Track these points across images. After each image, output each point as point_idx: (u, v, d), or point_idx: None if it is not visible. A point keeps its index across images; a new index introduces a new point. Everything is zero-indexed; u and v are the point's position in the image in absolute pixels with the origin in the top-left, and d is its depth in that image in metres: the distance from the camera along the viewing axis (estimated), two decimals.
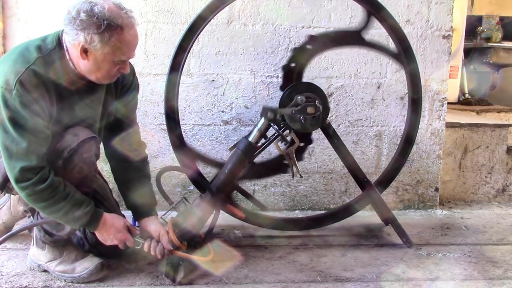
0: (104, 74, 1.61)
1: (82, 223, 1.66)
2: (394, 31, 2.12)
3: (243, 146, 1.91)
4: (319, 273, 1.90)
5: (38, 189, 1.55)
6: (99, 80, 1.64)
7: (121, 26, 1.52)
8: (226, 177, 1.92)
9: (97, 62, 1.57)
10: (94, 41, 1.51)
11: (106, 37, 1.50)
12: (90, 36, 1.50)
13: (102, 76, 1.61)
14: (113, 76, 1.65)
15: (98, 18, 1.49)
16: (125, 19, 1.54)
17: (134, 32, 1.58)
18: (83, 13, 1.49)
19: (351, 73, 2.59)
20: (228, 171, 1.91)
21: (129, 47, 1.59)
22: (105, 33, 1.50)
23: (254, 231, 2.30)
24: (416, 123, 2.22)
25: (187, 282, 1.79)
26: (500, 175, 2.96)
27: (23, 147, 1.51)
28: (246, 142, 1.91)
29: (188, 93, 2.53)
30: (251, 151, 1.92)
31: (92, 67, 1.58)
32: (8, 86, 1.49)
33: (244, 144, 1.91)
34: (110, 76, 1.64)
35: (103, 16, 1.49)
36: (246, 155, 1.91)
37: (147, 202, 1.87)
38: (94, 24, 1.49)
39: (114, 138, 1.85)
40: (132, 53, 1.62)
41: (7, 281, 1.76)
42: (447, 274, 1.91)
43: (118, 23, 1.51)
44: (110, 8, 1.51)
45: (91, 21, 1.49)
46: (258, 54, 2.52)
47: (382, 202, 2.21)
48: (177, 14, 2.48)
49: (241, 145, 1.91)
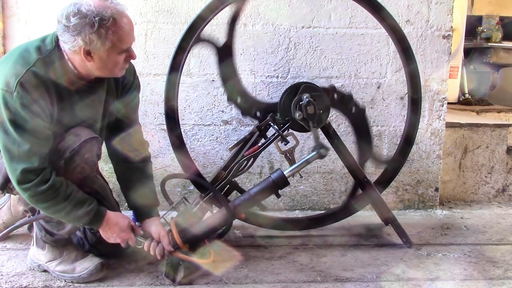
0: (113, 67, 1.61)
1: (85, 222, 1.67)
2: (393, 31, 2.12)
3: (277, 178, 1.91)
4: (319, 273, 1.90)
5: (40, 190, 1.55)
6: (112, 75, 1.65)
7: (113, 17, 1.52)
8: (249, 200, 1.92)
9: (102, 60, 1.57)
10: (93, 41, 1.51)
11: (103, 33, 1.50)
12: (87, 37, 1.50)
13: (112, 70, 1.62)
14: (123, 66, 1.65)
15: (89, 17, 1.48)
16: (113, 9, 1.53)
17: (127, 19, 1.58)
18: (72, 17, 1.48)
19: (351, 73, 2.59)
20: (254, 195, 1.91)
21: (128, 34, 1.58)
22: (101, 29, 1.50)
23: (254, 231, 2.30)
24: (416, 123, 2.22)
25: (187, 282, 1.79)
26: (500, 175, 2.96)
27: (25, 149, 1.51)
28: (281, 174, 1.91)
29: (188, 93, 2.53)
30: (282, 185, 1.92)
31: (100, 65, 1.58)
32: (8, 88, 1.49)
33: (278, 176, 1.91)
34: (120, 67, 1.64)
35: (92, 13, 1.48)
36: (277, 188, 1.92)
37: (148, 203, 1.87)
38: (87, 25, 1.48)
39: (115, 138, 1.85)
40: (132, 38, 1.61)
41: (7, 281, 1.76)
42: (447, 274, 1.91)
43: (108, 15, 1.50)
44: (96, 3, 1.51)
45: (84, 22, 1.48)
46: (258, 54, 2.52)
47: (382, 202, 2.21)
48: (177, 14, 2.48)
49: (275, 175, 1.91)
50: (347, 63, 2.58)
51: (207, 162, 2.59)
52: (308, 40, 2.55)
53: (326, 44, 2.56)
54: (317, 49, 2.56)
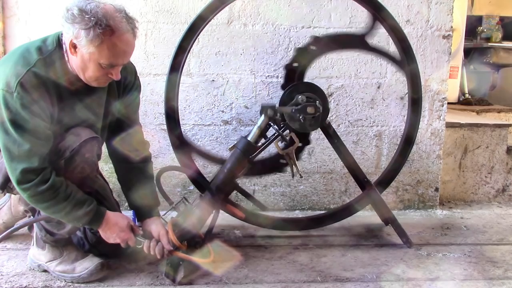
0: (90, 75, 1.57)
1: (85, 222, 1.67)
2: (394, 31, 2.12)
3: (242, 146, 1.90)
4: (319, 273, 1.90)
5: (40, 190, 1.55)
6: (87, 81, 1.60)
7: (112, 29, 1.48)
8: (226, 177, 1.91)
9: (83, 60, 1.54)
10: (80, 36, 1.48)
11: (91, 35, 1.47)
12: (77, 30, 1.48)
13: (89, 77, 1.58)
14: (101, 81, 1.61)
15: (88, 15, 1.47)
16: (118, 23, 1.49)
17: (126, 38, 1.52)
18: (76, 7, 1.48)
19: (351, 73, 2.59)
20: (228, 171, 1.91)
21: (116, 53, 1.52)
22: (91, 30, 1.46)
23: (254, 231, 2.30)
24: (416, 123, 2.22)
25: (187, 282, 1.79)
26: (500, 175, 2.96)
27: (25, 149, 1.52)
28: (245, 141, 1.91)
29: (188, 93, 2.53)
30: (250, 151, 1.91)
31: (79, 64, 1.56)
32: (9, 88, 1.49)
33: (243, 143, 1.91)
34: (98, 79, 1.59)
35: (94, 14, 1.47)
36: (246, 155, 1.91)
37: (148, 203, 1.88)
38: (83, 20, 1.47)
39: (115, 138, 1.85)
40: (119, 61, 1.55)
41: (7, 281, 1.76)
42: (447, 274, 1.91)
43: (108, 24, 1.47)
44: (106, 8, 1.50)
45: (81, 16, 1.47)
46: (258, 54, 2.52)
47: (382, 202, 2.21)
48: (177, 14, 2.48)
49: (240, 144, 1.91)
50: (347, 63, 2.58)
51: (207, 162, 2.59)
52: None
53: None
54: None
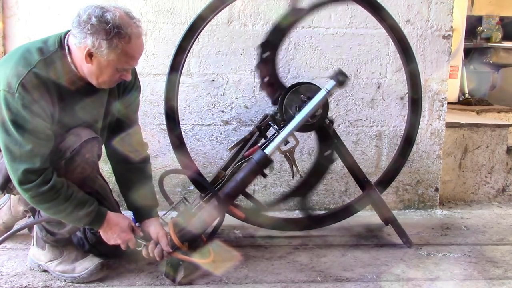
0: (105, 79, 1.62)
1: (86, 222, 1.67)
2: (393, 31, 2.12)
3: (259, 158, 1.89)
4: (319, 273, 1.90)
5: (41, 191, 1.55)
6: (99, 85, 1.64)
7: (130, 36, 1.54)
8: (237, 186, 1.90)
9: (100, 67, 1.58)
10: (101, 47, 1.52)
11: (113, 44, 1.52)
12: (98, 41, 1.51)
13: (103, 81, 1.62)
14: (113, 82, 1.67)
15: (108, 25, 1.50)
16: (134, 28, 1.56)
17: (140, 42, 1.61)
18: (94, 18, 1.50)
19: (351, 73, 2.58)
20: (240, 180, 1.89)
21: (134, 57, 1.61)
22: (113, 40, 1.51)
23: (254, 231, 2.30)
24: (416, 123, 2.23)
25: (187, 282, 1.79)
26: (500, 175, 2.96)
27: (27, 150, 1.52)
28: (262, 154, 1.89)
29: (188, 93, 2.53)
30: (266, 164, 1.90)
31: (95, 71, 1.59)
32: (10, 89, 1.49)
33: (261, 156, 1.89)
34: (111, 82, 1.66)
35: (114, 23, 1.51)
36: (261, 167, 1.90)
37: (147, 204, 1.87)
38: (104, 30, 1.50)
39: (115, 138, 1.85)
40: (135, 62, 1.64)
41: (7, 281, 1.76)
42: (447, 274, 1.91)
43: (127, 31, 1.53)
44: (121, 16, 1.54)
45: (102, 27, 1.50)
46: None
47: (382, 202, 2.21)
48: (177, 14, 2.48)
49: (257, 156, 1.89)
50: (347, 63, 2.58)
51: (207, 162, 2.59)
52: (308, 40, 2.55)
53: (326, 44, 2.56)
54: (317, 49, 2.56)
